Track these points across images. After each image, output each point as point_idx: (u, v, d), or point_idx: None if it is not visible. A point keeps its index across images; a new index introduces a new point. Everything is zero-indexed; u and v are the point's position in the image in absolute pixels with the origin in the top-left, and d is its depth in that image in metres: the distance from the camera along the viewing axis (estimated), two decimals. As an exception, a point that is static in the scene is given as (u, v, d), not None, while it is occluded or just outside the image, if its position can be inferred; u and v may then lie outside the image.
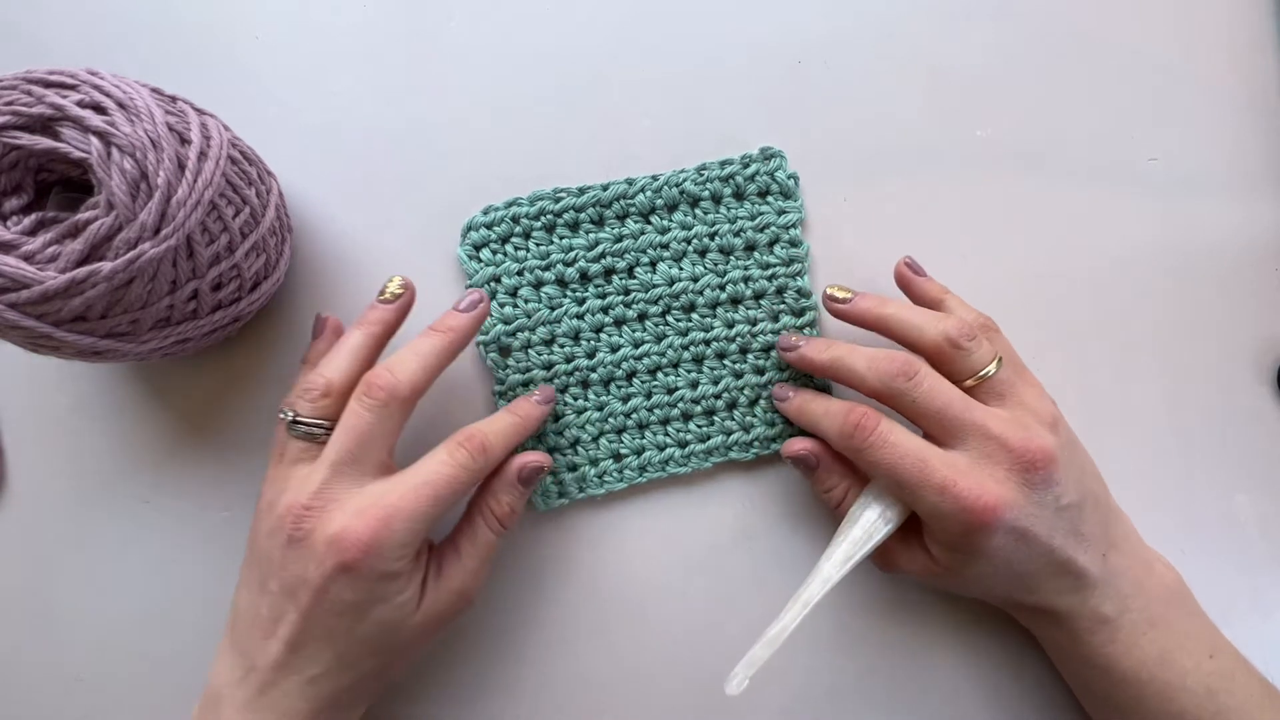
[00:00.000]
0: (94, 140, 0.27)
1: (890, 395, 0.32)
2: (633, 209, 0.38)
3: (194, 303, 0.31)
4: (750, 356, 0.38)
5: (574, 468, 0.37)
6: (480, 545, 0.32)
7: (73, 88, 0.28)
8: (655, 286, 0.37)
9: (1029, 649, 0.37)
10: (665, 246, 0.38)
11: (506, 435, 0.32)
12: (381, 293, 0.33)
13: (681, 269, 0.38)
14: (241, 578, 0.32)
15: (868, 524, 0.32)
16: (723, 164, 0.38)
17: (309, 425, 0.31)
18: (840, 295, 0.35)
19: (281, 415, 0.32)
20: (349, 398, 0.31)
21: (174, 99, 0.31)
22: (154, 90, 0.30)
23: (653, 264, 0.38)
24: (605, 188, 0.37)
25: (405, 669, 0.33)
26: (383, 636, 0.30)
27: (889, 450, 0.31)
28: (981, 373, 0.32)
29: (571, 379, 0.37)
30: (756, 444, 0.38)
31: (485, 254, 0.37)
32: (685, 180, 0.38)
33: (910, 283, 0.36)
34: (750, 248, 0.38)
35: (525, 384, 0.37)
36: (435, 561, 0.32)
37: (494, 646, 0.37)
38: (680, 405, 0.38)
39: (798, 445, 0.35)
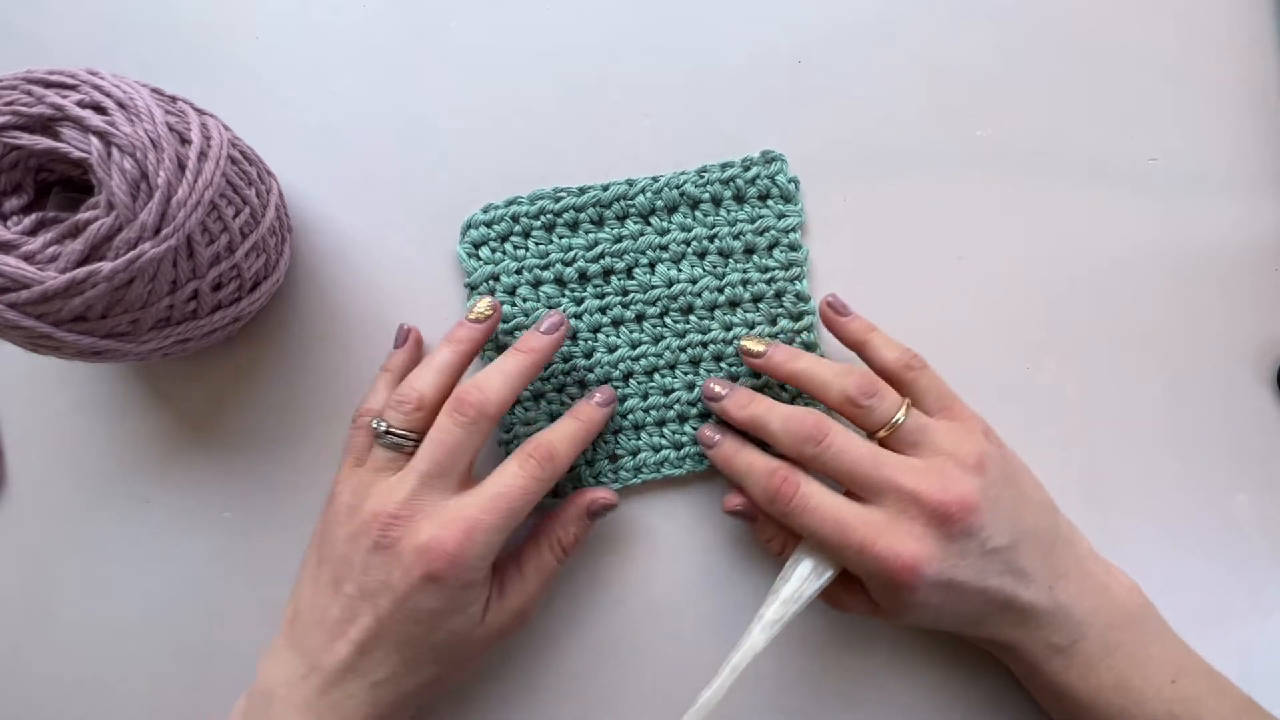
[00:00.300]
0: (94, 140, 0.27)
1: (802, 459, 0.32)
2: (632, 210, 0.38)
3: (194, 303, 0.31)
4: None
5: (570, 468, 0.37)
6: (544, 570, 0.34)
7: (73, 88, 0.28)
8: (653, 288, 0.38)
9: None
10: (664, 248, 0.38)
11: (572, 441, 0.33)
12: (470, 313, 0.34)
13: (680, 271, 0.38)
14: (306, 577, 0.32)
15: (799, 582, 0.32)
16: (723, 166, 0.38)
17: (399, 436, 0.32)
18: (755, 349, 0.35)
19: (374, 426, 0.32)
20: (437, 412, 0.32)
21: (174, 99, 0.31)
22: (154, 90, 0.30)
23: (651, 265, 0.38)
24: (605, 188, 0.37)
25: (459, 681, 0.33)
26: (449, 647, 0.31)
27: (809, 515, 0.31)
28: (891, 422, 0.32)
29: (568, 379, 0.37)
30: None
31: (484, 252, 0.37)
32: (685, 182, 0.38)
33: (833, 323, 0.36)
34: (749, 251, 0.38)
35: None
36: (498, 580, 0.33)
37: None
38: (676, 407, 0.38)
39: (736, 500, 0.35)
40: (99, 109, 0.28)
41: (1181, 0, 0.40)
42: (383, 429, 0.32)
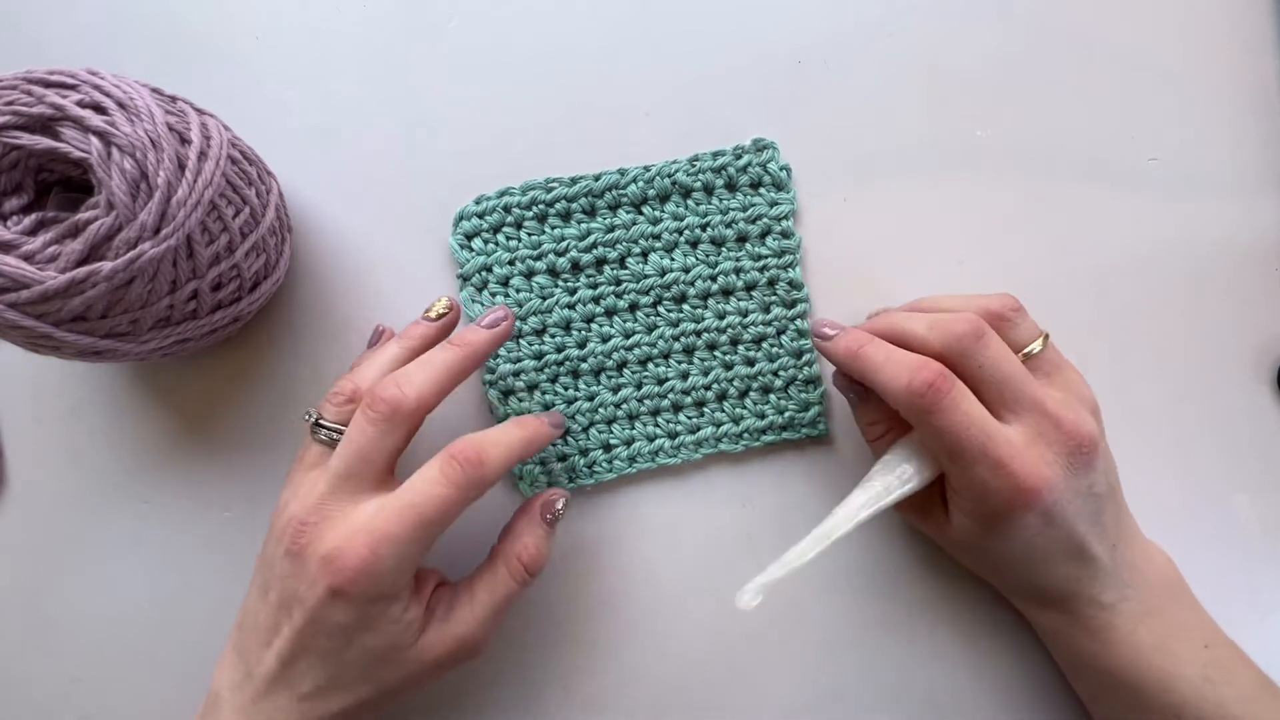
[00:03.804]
0: (94, 140, 0.27)
1: (955, 356, 0.30)
2: (625, 199, 0.38)
3: (194, 303, 0.31)
4: (741, 348, 0.38)
5: (564, 458, 0.37)
6: (497, 594, 0.31)
7: (73, 88, 0.28)
8: (646, 277, 0.38)
9: (1028, 642, 0.37)
10: (657, 237, 0.38)
11: (509, 449, 0.30)
12: (427, 311, 0.33)
13: (673, 260, 0.38)
14: (252, 580, 0.32)
15: (902, 475, 0.31)
16: (715, 155, 0.38)
17: (330, 429, 0.31)
18: (877, 309, 0.36)
19: (304, 417, 0.31)
20: None
21: (174, 99, 0.31)
22: (154, 90, 0.30)
23: (644, 254, 0.38)
24: (597, 178, 0.38)
25: (402, 704, 0.31)
26: (374, 665, 0.29)
27: (959, 417, 0.29)
28: (1027, 349, 0.32)
29: (562, 369, 0.37)
30: (746, 436, 0.38)
31: (477, 243, 0.38)
32: (677, 171, 0.38)
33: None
34: (742, 239, 0.38)
35: (516, 373, 0.37)
36: (447, 599, 0.31)
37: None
38: (670, 396, 0.38)
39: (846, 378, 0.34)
40: (99, 109, 0.28)
41: (1181, 0, 0.40)
42: (313, 420, 0.31)
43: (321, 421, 0.31)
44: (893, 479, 0.31)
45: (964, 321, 0.30)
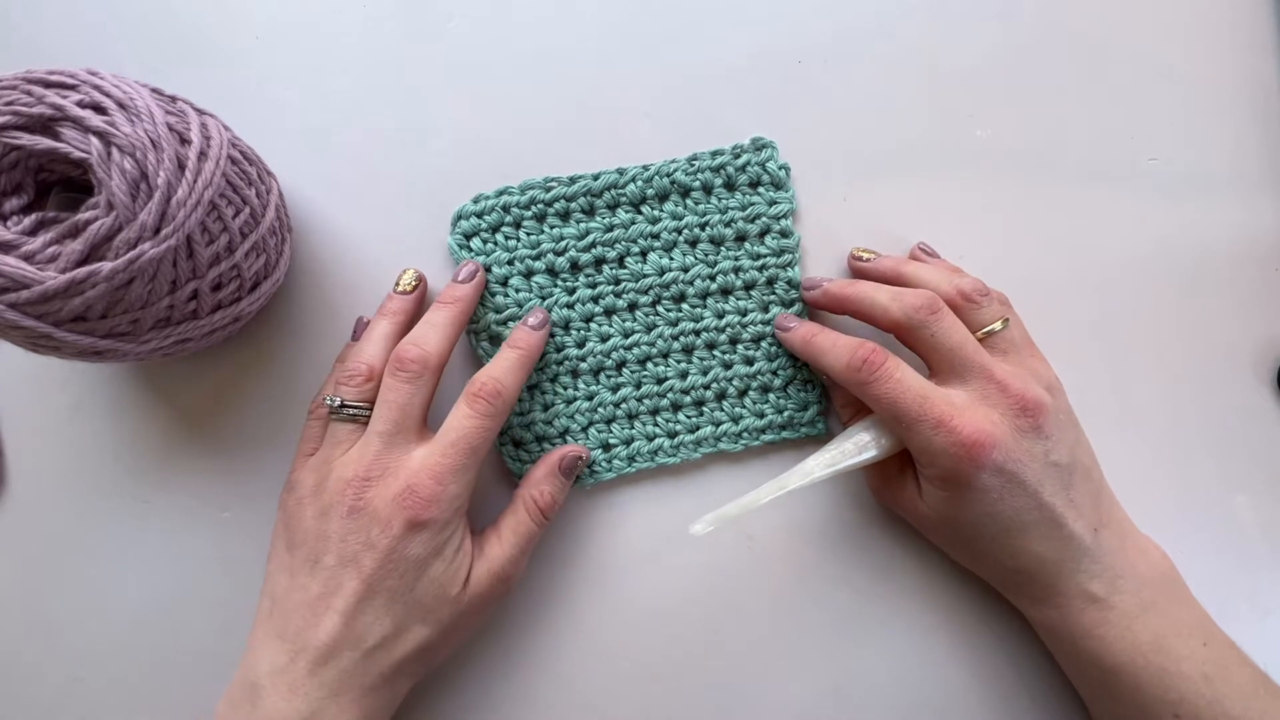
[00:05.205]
0: (94, 140, 0.27)
1: (910, 327, 0.33)
2: (623, 199, 0.38)
3: (194, 303, 0.31)
4: (740, 347, 0.38)
5: None
6: (522, 534, 0.34)
7: (73, 88, 0.28)
8: (645, 276, 0.38)
9: (1028, 642, 0.37)
10: (656, 236, 0.38)
11: (513, 371, 0.34)
12: (397, 284, 0.36)
13: (672, 259, 0.38)
14: (276, 569, 0.32)
15: (860, 442, 0.34)
16: (714, 154, 0.38)
17: (355, 408, 0.33)
18: (865, 256, 0.37)
19: (327, 402, 0.34)
20: None
21: (174, 99, 0.31)
22: (154, 90, 0.30)
23: (643, 254, 0.38)
24: (596, 177, 0.38)
25: (449, 652, 0.34)
26: (434, 602, 0.31)
27: (893, 385, 0.32)
28: (988, 328, 0.34)
29: (561, 368, 0.37)
30: (745, 435, 0.38)
31: (475, 243, 0.38)
32: (676, 170, 0.38)
33: (920, 259, 0.38)
34: (741, 238, 0.38)
35: None
36: (480, 543, 0.34)
37: (478, 635, 0.37)
38: (670, 396, 0.38)
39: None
40: (99, 109, 0.28)
41: (1182, 0, 0.40)
42: (337, 404, 0.33)
43: (346, 403, 0.33)
44: (849, 445, 0.34)
45: (921, 296, 0.33)
